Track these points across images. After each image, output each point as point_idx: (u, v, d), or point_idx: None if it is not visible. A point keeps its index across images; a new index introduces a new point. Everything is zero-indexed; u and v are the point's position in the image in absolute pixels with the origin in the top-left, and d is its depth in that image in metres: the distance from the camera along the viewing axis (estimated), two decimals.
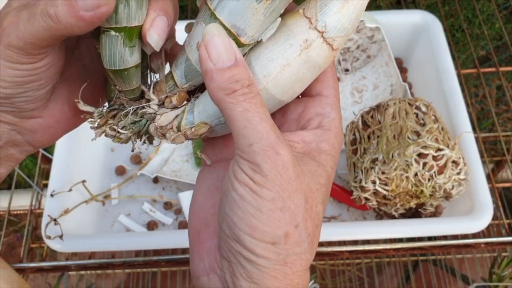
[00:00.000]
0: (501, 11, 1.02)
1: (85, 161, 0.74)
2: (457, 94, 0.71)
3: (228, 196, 0.27)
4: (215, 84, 0.27)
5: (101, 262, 0.66)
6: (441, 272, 1.18)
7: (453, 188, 0.60)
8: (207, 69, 0.27)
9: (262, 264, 0.26)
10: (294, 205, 0.27)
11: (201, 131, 0.30)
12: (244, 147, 0.26)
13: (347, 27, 0.28)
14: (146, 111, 0.31)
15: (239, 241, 0.26)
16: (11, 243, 1.25)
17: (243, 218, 0.26)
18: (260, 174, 0.26)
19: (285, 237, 0.26)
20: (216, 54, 0.27)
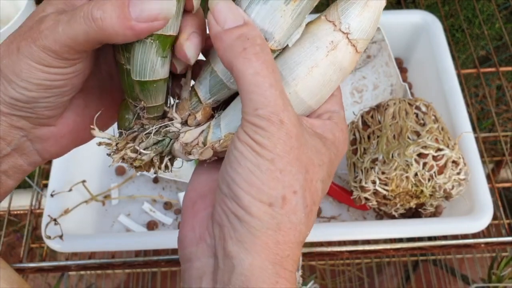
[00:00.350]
0: (501, 11, 1.02)
1: (85, 161, 0.74)
2: (457, 94, 0.71)
3: (230, 155, 0.27)
4: (224, 45, 0.26)
5: (101, 262, 0.66)
6: (441, 272, 1.18)
7: (453, 188, 0.60)
8: (216, 33, 0.27)
9: (255, 226, 0.26)
10: (294, 170, 0.27)
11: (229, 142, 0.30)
12: (249, 110, 0.26)
13: (369, 30, 0.29)
14: (169, 129, 0.31)
15: (236, 198, 0.26)
16: (11, 243, 1.25)
17: (242, 174, 0.26)
18: (262, 136, 0.26)
19: (283, 201, 0.26)
20: (222, 17, 0.27)
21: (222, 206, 0.27)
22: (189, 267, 0.29)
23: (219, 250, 0.27)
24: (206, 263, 0.28)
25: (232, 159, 0.27)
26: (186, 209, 0.31)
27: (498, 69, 0.81)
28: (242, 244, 0.26)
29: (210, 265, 0.28)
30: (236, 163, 0.26)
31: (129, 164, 0.31)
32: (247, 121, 0.26)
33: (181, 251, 0.30)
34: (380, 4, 0.29)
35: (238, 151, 0.26)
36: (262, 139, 0.26)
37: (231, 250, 0.26)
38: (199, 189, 0.31)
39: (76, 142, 0.34)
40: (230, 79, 0.30)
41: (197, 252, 0.28)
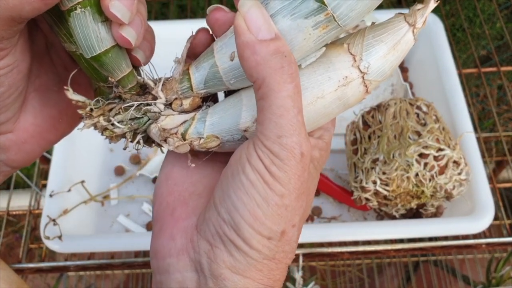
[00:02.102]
0: (502, 10, 1.02)
1: (84, 162, 0.73)
2: (458, 94, 0.71)
3: (236, 179, 0.25)
4: (259, 58, 0.24)
5: (100, 262, 0.65)
6: (442, 272, 1.17)
7: (454, 189, 0.60)
8: (249, 41, 0.24)
9: (253, 257, 0.25)
10: (298, 206, 0.26)
11: (211, 145, 0.28)
12: (271, 135, 0.24)
13: (387, 73, 0.28)
14: (151, 109, 0.28)
15: (236, 228, 0.25)
16: (10, 243, 1.25)
17: (248, 205, 0.25)
18: (278, 168, 0.24)
19: (281, 234, 0.26)
20: (256, 25, 0.24)
21: (218, 229, 0.26)
22: (166, 278, 0.27)
23: (205, 268, 0.26)
24: (188, 277, 0.27)
25: (238, 185, 0.25)
26: (164, 216, 0.29)
27: (499, 69, 0.81)
28: (236, 269, 0.26)
29: (193, 280, 0.27)
30: (242, 191, 0.25)
31: (99, 131, 0.29)
32: (266, 147, 0.24)
33: (157, 261, 0.28)
34: (408, 47, 0.28)
35: (248, 179, 0.25)
36: (278, 172, 0.24)
37: (223, 273, 0.25)
38: (177, 193, 0.29)
39: (42, 145, 0.31)
40: (231, 79, 0.28)
41: (177, 264, 0.27)
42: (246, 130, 0.28)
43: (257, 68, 0.24)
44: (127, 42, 0.26)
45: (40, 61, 0.30)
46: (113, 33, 0.26)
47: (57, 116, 0.31)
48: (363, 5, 0.25)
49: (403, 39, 0.27)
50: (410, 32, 0.27)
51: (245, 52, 0.24)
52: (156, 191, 0.30)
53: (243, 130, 0.28)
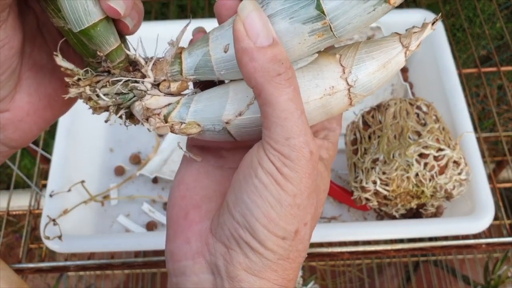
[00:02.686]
0: (502, 10, 1.02)
1: (84, 161, 0.73)
2: (458, 94, 0.71)
3: (249, 182, 0.26)
4: (256, 65, 0.25)
5: (100, 262, 0.65)
6: (442, 272, 1.17)
7: (454, 189, 0.60)
8: (247, 47, 0.25)
9: (268, 258, 0.26)
10: (309, 204, 0.26)
11: (191, 131, 0.29)
12: (279, 138, 0.25)
13: (372, 89, 0.28)
14: (138, 86, 0.28)
15: (251, 231, 0.26)
16: (10, 243, 1.25)
17: (262, 207, 0.25)
18: (290, 168, 0.25)
19: (295, 234, 0.26)
20: (255, 31, 0.25)
21: (233, 232, 0.26)
22: (183, 280, 0.28)
23: (222, 270, 0.27)
24: (204, 279, 0.27)
25: (251, 189, 0.26)
26: (177, 219, 0.29)
27: (499, 69, 0.81)
28: (252, 270, 0.26)
29: (209, 281, 0.27)
30: (256, 194, 0.26)
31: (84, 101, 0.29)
32: (276, 149, 0.25)
33: (173, 264, 0.28)
34: (398, 68, 0.28)
35: (261, 182, 0.26)
36: (290, 172, 0.25)
37: (240, 274, 0.26)
38: (189, 197, 0.30)
39: (39, 124, 0.31)
40: (222, 70, 0.28)
41: (193, 267, 0.27)
42: (228, 122, 0.28)
43: (255, 75, 0.25)
44: (115, 12, 0.26)
45: (32, 40, 0.30)
46: (101, 5, 0.26)
47: (53, 94, 0.31)
48: (360, 20, 0.26)
49: (395, 59, 0.28)
50: (402, 54, 0.28)
51: (243, 58, 0.25)
52: (170, 196, 0.31)
53: (225, 122, 0.28)
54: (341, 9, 0.25)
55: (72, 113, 0.72)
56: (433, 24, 0.28)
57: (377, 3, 0.25)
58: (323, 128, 0.31)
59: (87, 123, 0.75)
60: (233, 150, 0.32)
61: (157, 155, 0.77)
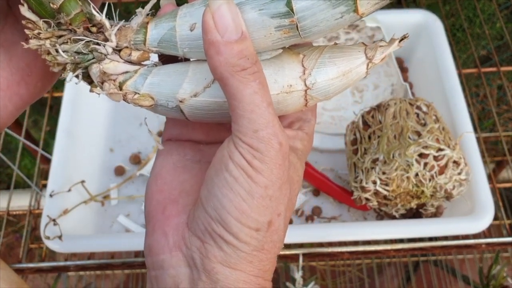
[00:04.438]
0: (502, 10, 1.02)
1: (84, 161, 0.73)
2: (458, 94, 0.71)
3: (220, 176, 0.26)
4: (222, 59, 0.25)
5: (100, 262, 0.65)
6: (442, 272, 1.17)
7: (454, 189, 0.60)
8: (214, 40, 0.25)
9: (242, 250, 0.26)
10: (282, 195, 0.27)
11: (143, 103, 0.28)
12: (247, 131, 0.25)
13: (329, 95, 0.28)
14: (98, 49, 0.28)
15: (224, 224, 0.26)
16: (10, 243, 1.25)
17: (233, 200, 0.26)
18: (260, 160, 0.25)
19: (268, 225, 0.27)
20: (223, 24, 0.25)
21: (207, 226, 0.27)
22: (161, 274, 0.28)
23: (198, 263, 0.27)
24: (181, 272, 0.28)
25: (223, 183, 0.26)
26: (155, 214, 0.29)
27: (499, 69, 0.81)
28: (227, 263, 0.26)
29: (186, 274, 0.27)
30: (227, 188, 0.26)
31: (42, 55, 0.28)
32: (245, 142, 0.25)
33: (151, 257, 0.29)
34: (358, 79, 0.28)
35: (232, 175, 0.26)
36: (260, 164, 0.25)
37: (215, 267, 0.26)
38: (167, 191, 0.30)
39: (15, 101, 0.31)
40: (185, 48, 0.28)
41: (171, 260, 0.28)
42: (181, 101, 0.28)
43: (220, 68, 0.25)
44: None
45: (4, 18, 0.30)
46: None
47: (26, 69, 0.31)
48: (327, 24, 0.26)
49: (356, 69, 0.28)
50: (364, 65, 0.28)
51: (210, 50, 0.25)
52: (147, 190, 0.31)
53: (179, 100, 0.28)
54: (310, 10, 0.25)
55: (72, 113, 0.73)
56: (400, 40, 0.29)
57: (345, 11, 0.25)
58: (298, 119, 0.31)
59: (87, 123, 0.75)
60: (211, 144, 0.32)
61: None
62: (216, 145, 0.30)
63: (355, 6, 0.25)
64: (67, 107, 0.72)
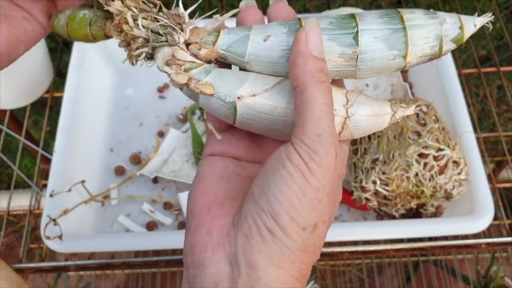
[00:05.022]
0: (502, 10, 1.02)
1: (84, 161, 0.73)
2: (458, 94, 0.71)
3: (275, 173, 0.28)
4: (307, 68, 0.28)
5: (101, 262, 0.66)
6: (441, 272, 1.17)
7: (453, 188, 0.60)
8: (304, 52, 0.29)
9: (287, 245, 0.27)
10: (328, 202, 0.28)
11: (204, 90, 0.30)
12: (311, 135, 0.27)
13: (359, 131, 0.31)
14: (173, 34, 0.30)
15: (275, 216, 0.27)
16: (10, 243, 1.25)
17: (287, 195, 0.27)
18: (316, 163, 0.27)
19: (313, 227, 0.28)
20: (313, 43, 0.29)
21: (256, 218, 0.28)
22: (200, 272, 0.29)
23: (241, 259, 0.28)
24: (222, 270, 0.28)
25: (278, 179, 0.28)
26: (200, 214, 0.30)
27: (499, 69, 0.81)
28: (271, 259, 0.27)
29: (226, 272, 0.28)
30: (282, 183, 0.28)
31: (115, 23, 0.30)
32: (306, 144, 0.28)
33: (193, 256, 0.29)
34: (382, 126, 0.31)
35: (288, 172, 0.28)
36: (316, 167, 0.27)
37: (258, 262, 0.27)
38: (212, 196, 0.31)
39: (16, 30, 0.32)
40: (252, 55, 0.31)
41: (212, 258, 0.29)
42: (240, 97, 0.30)
43: (303, 76, 0.28)
44: None
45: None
46: None
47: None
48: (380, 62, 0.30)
49: (383, 116, 0.31)
50: (389, 115, 0.31)
51: (298, 59, 0.29)
52: (192, 193, 0.32)
53: (237, 97, 0.30)
54: (371, 46, 0.30)
55: (72, 113, 0.73)
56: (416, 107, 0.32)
57: (397, 55, 0.30)
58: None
59: (87, 123, 0.75)
60: (252, 162, 0.34)
61: (157, 155, 0.77)
62: (256, 164, 0.33)
63: (406, 53, 0.30)
64: (67, 107, 0.72)
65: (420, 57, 0.30)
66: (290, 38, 0.30)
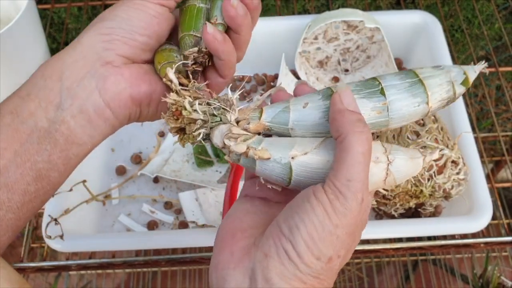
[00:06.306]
0: (501, 11, 1.02)
1: (85, 161, 0.73)
2: None
3: (300, 206, 0.31)
4: (345, 119, 0.32)
5: (102, 261, 0.66)
6: (440, 271, 1.18)
7: (452, 188, 0.60)
8: (340, 109, 0.32)
9: (301, 269, 0.30)
10: (346, 241, 0.31)
11: (262, 155, 0.33)
12: (342, 178, 0.30)
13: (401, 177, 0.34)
14: (226, 114, 0.34)
15: (294, 242, 0.30)
16: (12, 242, 1.25)
17: (307, 225, 0.30)
18: (341, 204, 0.30)
19: (328, 259, 0.31)
20: (348, 100, 0.33)
21: (276, 241, 0.31)
22: (223, 285, 0.32)
23: (258, 273, 0.31)
24: (241, 283, 0.31)
25: (302, 210, 0.31)
26: (225, 238, 0.34)
27: (498, 69, 0.81)
28: (285, 277, 0.30)
29: (246, 284, 0.31)
30: (305, 214, 0.30)
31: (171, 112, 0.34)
32: (335, 185, 0.30)
33: (216, 272, 0.32)
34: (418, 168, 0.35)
35: (311, 206, 0.30)
36: (340, 206, 0.30)
37: (273, 278, 0.30)
38: (238, 224, 0.35)
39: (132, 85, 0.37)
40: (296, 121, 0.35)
41: (234, 273, 0.32)
42: (293, 157, 0.33)
43: (343, 127, 0.31)
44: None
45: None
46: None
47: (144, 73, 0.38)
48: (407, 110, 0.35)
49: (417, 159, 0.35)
50: (421, 159, 0.35)
51: (337, 116, 0.32)
52: (222, 224, 0.36)
53: (291, 157, 0.33)
54: (397, 96, 0.34)
55: None
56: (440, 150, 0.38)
57: (421, 101, 0.35)
58: None
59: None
60: (278, 202, 0.37)
61: (158, 155, 0.77)
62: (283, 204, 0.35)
63: (427, 99, 0.35)
64: None
65: (440, 101, 0.35)
66: (326, 101, 0.34)
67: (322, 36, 0.81)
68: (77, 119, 0.36)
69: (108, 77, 0.36)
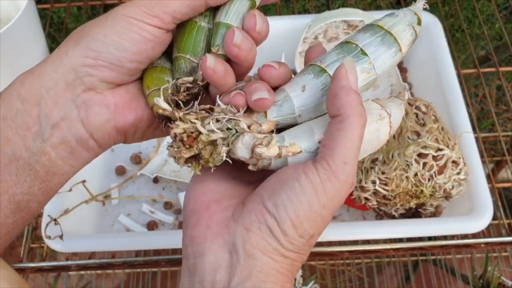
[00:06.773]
0: (501, 11, 1.02)
1: None
2: (457, 94, 0.71)
3: (290, 184, 0.30)
4: (349, 100, 0.31)
5: (101, 262, 0.66)
6: (441, 272, 1.18)
7: (453, 188, 0.60)
8: (346, 85, 0.31)
9: (283, 245, 0.30)
10: (328, 220, 0.31)
11: (294, 149, 0.32)
12: (338, 160, 0.30)
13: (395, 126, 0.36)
14: (239, 123, 0.33)
15: (279, 220, 0.30)
16: (11, 242, 1.25)
17: (295, 204, 0.30)
18: (333, 185, 0.30)
19: (310, 237, 0.31)
20: (352, 78, 0.32)
21: (259, 217, 0.30)
22: (200, 261, 0.31)
23: (239, 248, 0.30)
24: (220, 257, 0.31)
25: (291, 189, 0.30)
26: (199, 210, 0.33)
27: (498, 69, 0.81)
28: (267, 251, 0.30)
29: (225, 259, 0.30)
30: (293, 193, 0.30)
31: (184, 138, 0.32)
32: (329, 166, 0.30)
33: (193, 246, 0.32)
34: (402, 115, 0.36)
35: (301, 185, 0.30)
36: (332, 189, 0.30)
37: (255, 252, 0.30)
38: (209, 194, 0.33)
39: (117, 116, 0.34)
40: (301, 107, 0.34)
41: (212, 247, 0.31)
42: (320, 141, 0.33)
43: (346, 106, 0.31)
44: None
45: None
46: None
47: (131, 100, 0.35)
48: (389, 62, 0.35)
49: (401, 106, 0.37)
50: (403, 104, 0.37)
51: (340, 92, 0.31)
52: (190, 192, 0.34)
53: (317, 141, 0.33)
54: (377, 53, 0.35)
55: None
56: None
57: (396, 51, 0.36)
58: None
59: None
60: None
61: (158, 155, 0.77)
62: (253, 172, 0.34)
63: (399, 47, 0.36)
64: None
65: (408, 45, 0.36)
66: (319, 78, 0.34)
67: (322, 35, 0.81)
68: (58, 150, 0.32)
69: (91, 107, 0.33)
